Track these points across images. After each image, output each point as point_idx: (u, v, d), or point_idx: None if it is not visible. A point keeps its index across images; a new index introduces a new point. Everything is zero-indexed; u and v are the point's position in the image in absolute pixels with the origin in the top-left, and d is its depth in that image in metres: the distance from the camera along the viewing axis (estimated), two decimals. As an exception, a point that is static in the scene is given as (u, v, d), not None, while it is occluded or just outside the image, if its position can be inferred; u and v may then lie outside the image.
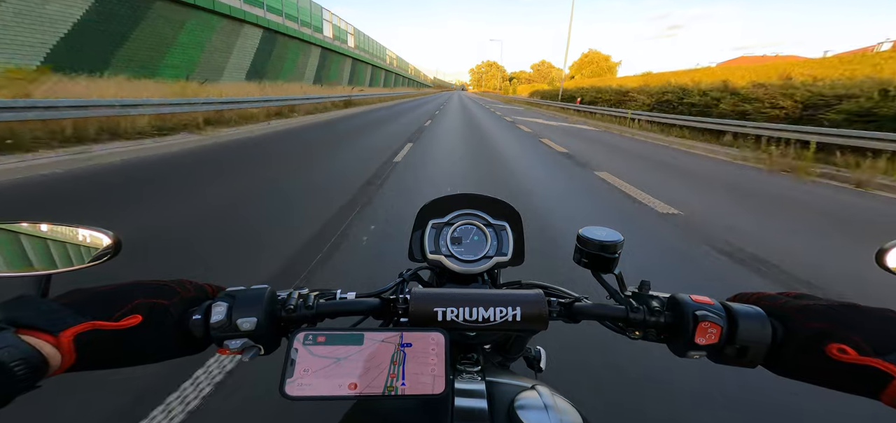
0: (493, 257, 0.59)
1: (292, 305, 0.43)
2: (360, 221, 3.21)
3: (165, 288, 0.39)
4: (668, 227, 3.43)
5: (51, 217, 0.41)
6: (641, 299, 0.45)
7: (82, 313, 0.33)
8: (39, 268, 0.38)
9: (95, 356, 0.34)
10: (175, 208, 3.36)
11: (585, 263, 0.49)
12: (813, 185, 5.82)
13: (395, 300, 0.46)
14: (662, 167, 6.69)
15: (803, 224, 3.77)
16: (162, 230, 2.84)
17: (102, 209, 3.28)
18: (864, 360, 0.32)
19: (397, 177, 4.89)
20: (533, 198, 4.21)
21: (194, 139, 6.82)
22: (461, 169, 5.74)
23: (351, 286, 0.48)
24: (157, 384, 1.39)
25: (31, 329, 0.30)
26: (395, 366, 0.35)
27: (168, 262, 2.40)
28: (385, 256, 2.58)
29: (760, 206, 4.38)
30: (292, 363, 0.35)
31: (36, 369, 0.29)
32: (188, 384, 1.40)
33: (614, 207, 4.06)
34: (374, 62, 36.58)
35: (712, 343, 0.39)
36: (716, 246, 2.99)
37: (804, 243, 3.22)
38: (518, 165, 6.14)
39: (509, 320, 0.40)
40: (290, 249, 2.60)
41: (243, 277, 2.21)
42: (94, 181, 4.11)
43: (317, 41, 22.31)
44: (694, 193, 4.81)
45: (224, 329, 0.38)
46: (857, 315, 0.35)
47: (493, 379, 0.44)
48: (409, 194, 4.13)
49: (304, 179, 4.67)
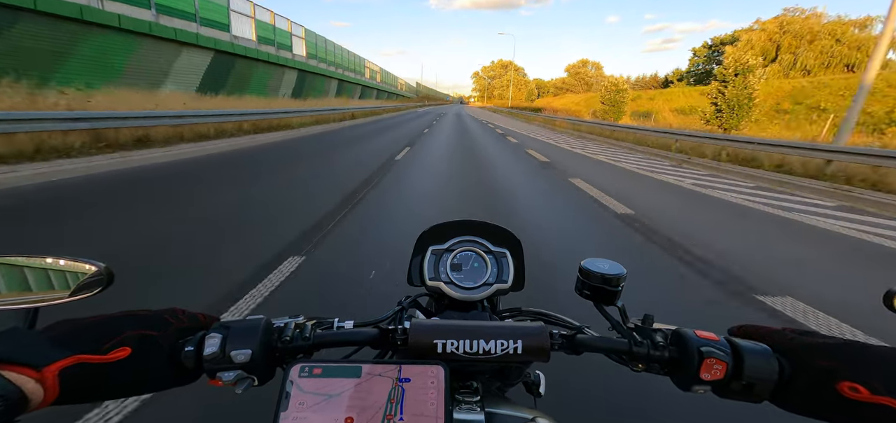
0: (493, 285, 0.58)
1: (288, 335, 0.42)
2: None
3: (157, 319, 0.38)
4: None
5: (40, 249, 0.41)
6: (645, 333, 0.44)
7: (68, 347, 0.32)
8: (27, 300, 0.37)
9: (81, 390, 0.33)
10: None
11: (588, 294, 0.49)
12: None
13: (393, 330, 0.45)
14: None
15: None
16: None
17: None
18: (877, 399, 0.32)
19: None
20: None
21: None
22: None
23: (350, 316, 0.47)
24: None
25: (13, 365, 0.29)
26: (393, 400, 0.34)
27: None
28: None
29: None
30: (287, 396, 0.34)
31: (14, 405, 0.28)
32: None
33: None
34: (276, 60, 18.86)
35: (718, 379, 0.39)
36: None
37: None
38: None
39: (510, 352, 0.39)
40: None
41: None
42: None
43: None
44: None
45: (217, 362, 0.37)
46: (868, 354, 0.35)
47: (493, 410, 0.43)
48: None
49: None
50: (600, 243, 3.55)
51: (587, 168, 7.94)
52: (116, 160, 5.99)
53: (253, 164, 6.72)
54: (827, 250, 3.60)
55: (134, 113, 7.53)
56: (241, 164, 6.64)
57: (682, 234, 3.76)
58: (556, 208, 4.76)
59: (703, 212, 4.88)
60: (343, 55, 28.60)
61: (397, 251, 2.93)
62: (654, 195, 5.72)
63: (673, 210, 4.85)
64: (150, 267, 2.51)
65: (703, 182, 6.93)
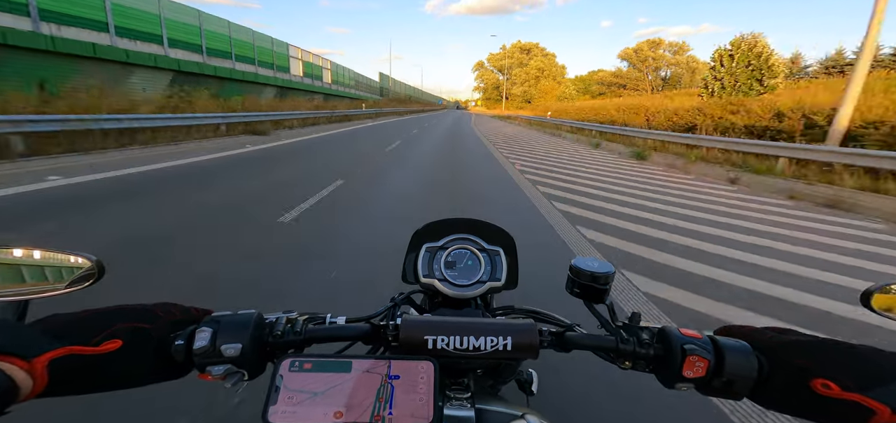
0: (486, 283, 0.58)
1: (280, 330, 0.42)
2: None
3: (148, 312, 0.38)
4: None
5: (31, 241, 0.40)
6: (631, 331, 0.45)
7: (59, 338, 0.32)
8: (16, 292, 0.37)
9: (70, 382, 0.33)
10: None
11: (577, 293, 0.49)
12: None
13: (385, 326, 0.45)
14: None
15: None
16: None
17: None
18: (846, 395, 0.33)
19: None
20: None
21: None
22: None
23: (342, 312, 0.47)
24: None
25: (2, 354, 0.29)
26: (383, 395, 0.34)
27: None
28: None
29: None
30: (277, 390, 0.34)
31: (3, 394, 0.28)
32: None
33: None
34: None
35: (700, 376, 0.39)
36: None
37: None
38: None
39: (500, 349, 0.40)
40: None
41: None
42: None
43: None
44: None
45: (207, 355, 0.37)
46: (841, 352, 0.36)
47: (484, 407, 0.43)
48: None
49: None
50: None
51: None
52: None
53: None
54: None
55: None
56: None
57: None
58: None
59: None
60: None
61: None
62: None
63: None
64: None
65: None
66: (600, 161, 9.40)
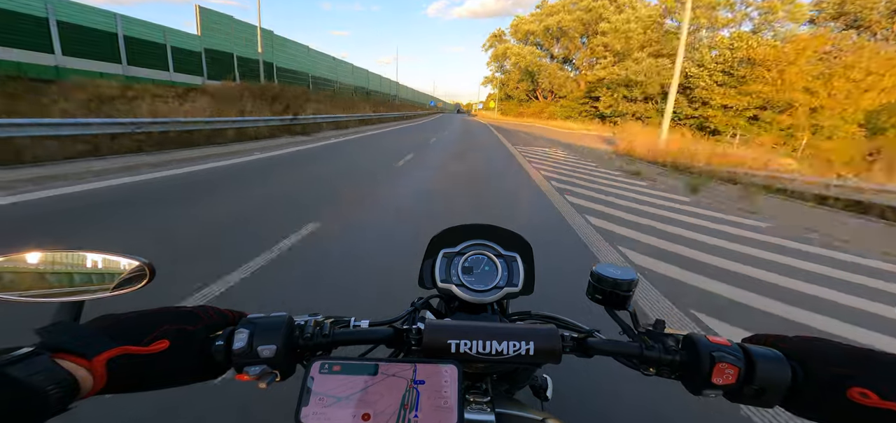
0: (503, 288, 0.59)
1: (309, 333, 0.44)
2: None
3: (190, 314, 0.40)
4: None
5: (85, 244, 0.43)
6: (656, 337, 0.45)
7: (114, 338, 0.34)
8: (73, 294, 0.40)
9: (125, 380, 0.35)
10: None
11: (599, 299, 0.50)
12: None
13: (407, 330, 0.47)
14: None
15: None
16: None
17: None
18: (885, 404, 0.33)
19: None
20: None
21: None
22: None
23: (366, 315, 0.49)
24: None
25: (67, 353, 0.31)
26: (409, 398, 0.35)
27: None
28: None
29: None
30: (308, 392, 0.35)
31: (68, 392, 0.30)
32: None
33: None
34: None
35: (729, 383, 0.39)
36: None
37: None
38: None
39: (522, 353, 0.40)
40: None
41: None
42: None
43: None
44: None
45: (245, 356, 0.39)
46: (878, 361, 0.36)
47: (503, 411, 0.44)
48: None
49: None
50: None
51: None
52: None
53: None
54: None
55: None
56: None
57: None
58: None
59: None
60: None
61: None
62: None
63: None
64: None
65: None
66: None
